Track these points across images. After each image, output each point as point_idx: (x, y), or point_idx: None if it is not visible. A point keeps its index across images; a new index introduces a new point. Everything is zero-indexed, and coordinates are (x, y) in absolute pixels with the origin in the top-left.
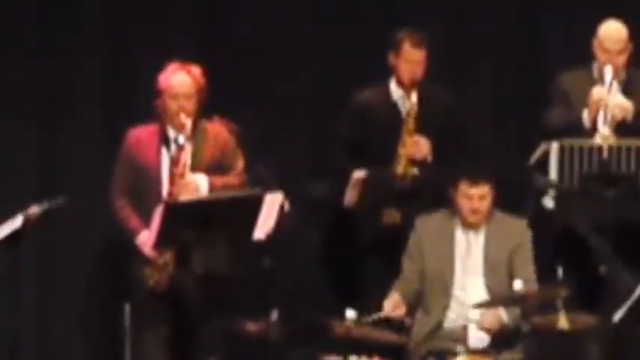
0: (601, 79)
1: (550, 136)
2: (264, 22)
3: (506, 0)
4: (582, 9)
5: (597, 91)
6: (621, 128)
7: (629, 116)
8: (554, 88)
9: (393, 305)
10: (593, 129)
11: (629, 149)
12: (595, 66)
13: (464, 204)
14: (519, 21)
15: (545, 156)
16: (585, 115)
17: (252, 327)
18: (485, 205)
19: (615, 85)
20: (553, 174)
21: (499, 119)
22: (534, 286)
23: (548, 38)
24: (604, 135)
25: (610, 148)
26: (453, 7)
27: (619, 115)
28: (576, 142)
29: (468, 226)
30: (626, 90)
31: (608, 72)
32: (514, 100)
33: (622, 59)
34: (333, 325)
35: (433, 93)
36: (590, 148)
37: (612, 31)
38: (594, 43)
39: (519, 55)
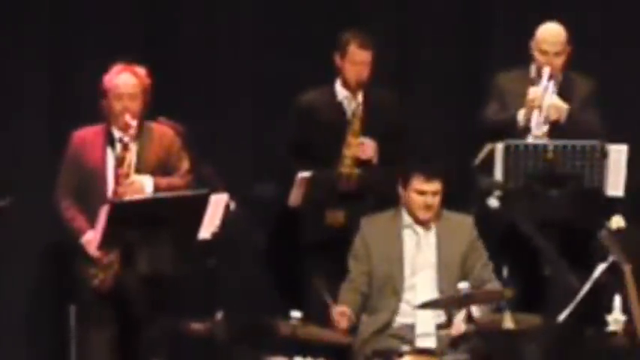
0: (539, 79)
1: (485, 133)
2: (208, 23)
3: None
4: (526, 9)
5: (533, 91)
6: (555, 130)
7: (563, 117)
8: (490, 87)
9: (339, 315)
10: (527, 128)
11: (574, 149)
12: (532, 67)
13: (416, 200)
14: (463, 21)
15: (491, 156)
16: (520, 115)
17: (197, 327)
18: (436, 201)
19: (551, 86)
20: (498, 174)
21: (444, 120)
22: (498, 286)
23: (492, 38)
24: (537, 134)
25: (555, 148)
26: (396, 7)
27: (554, 116)
28: (521, 142)
29: (419, 223)
30: (563, 92)
31: (546, 73)
32: (458, 101)
33: (560, 61)
34: (278, 326)
35: (378, 94)
36: (535, 148)
37: (550, 32)
38: (532, 45)
39: (463, 56)
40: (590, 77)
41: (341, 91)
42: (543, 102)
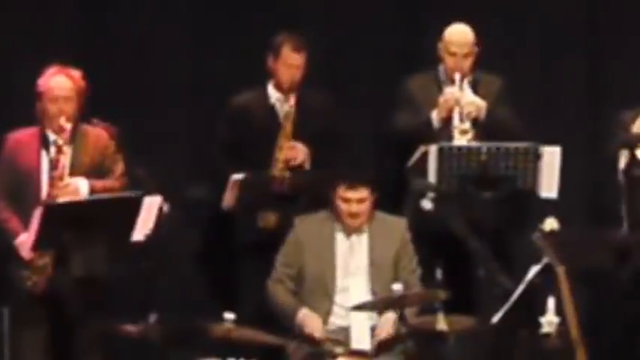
0: (448, 82)
1: (397, 140)
2: (142, 25)
3: (385, 1)
4: (461, 10)
5: (450, 91)
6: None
7: (482, 114)
8: (399, 92)
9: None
10: (442, 129)
11: (507, 151)
12: (441, 69)
13: (342, 208)
14: (400, 22)
15: (424, 158)
16: (434, 116)
17: (130, 329)
18: (363, 208)
19: (466, 84)
20: (432, 176)
21: (378, 122)
22: (418, 290)
23: (428, 40)
24: (463, 129)
25: (489, 150)
26: (332, 9)
27: (474, 113)
28: (455, 144)
29: (348, 229)
30: (475, 92)
31: (457, 77)
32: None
33: (468, 62)
34: (212, 328)
35: (312, 97)
36: (469, 150)
37: (458, 34)
38: (440, 46)
39: (399, 57)
40: (498, 76)
41: (273, 94)
42: (462, 99)
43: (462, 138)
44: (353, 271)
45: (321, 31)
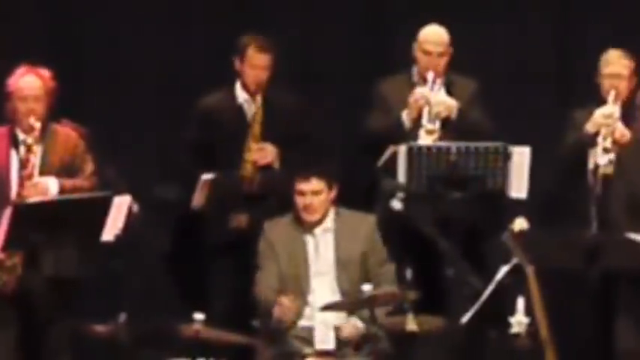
0: (422, 82)
1: (369, 141)
2: (111, 26)
3: (352, 3)
4: (431, 11)
5: (420, 90)
6: (446, 128)
7: (454, 114)
8: (373, 95)
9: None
10: (414, 129)
11: (477, 151)
12: (415, 70)
13: (298, 201)
14: (370, 23)
15: (394, 158)
16: (405, 116)
17: (100, 329)
18: (318, 201)
19: (438, 84)
20: (401, 176)
21: (350, 122)
22: (395, 288)
23: (394, 42)
24: (429, 129)
25: (458, 150)
26: (300, 11)
27: (444, 113)
28: (424, 144)
29: (304, 225)
30: (448, 92)
31: (430, 76)
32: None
33: (443, 62)
34: (181, 328)
35: (279, 98)
36: (439, 150)
37: (433, 34)
38: (415, 47)
39: (370, 58)
40: (471, 78)
41: (241, 95)
42: (431, 99)
43: (427, 138)
44: (320, 272)
45: (293, 31)
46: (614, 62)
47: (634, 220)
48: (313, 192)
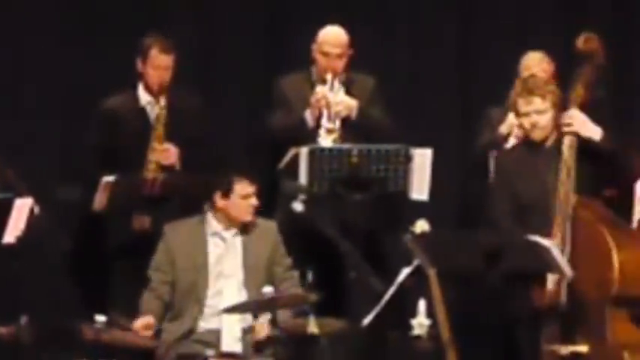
0: (320, 82)
1: (272, 140)
2: (13, 28)
3: (252, 4)
4: (329, 13)
5: (319, 90)
6: (347, 127)
7: (354, 113)
8: (273, 92)
9: (143, 326)
10: (317, 128)
11: (378, 153)
12: (314, 70)
13: (243, 205)
14: (269, 23)
15: (295, 160)
16: (308, 115)
17: (1, 331)
18: (256, 202)
19: (337, 84)
20: (302, 178)
21: (251, 123)
22: (293, 291)
23: (294, 42)
24: (329, 128)
25: (359, 152)
26: (200, 11)
27: (343, 112)
28: (326, 146)
29: (241, 227)
30: (347, 92)
31: (329, 78)
32: (266, 103)
33: (341, 63)
34: (83, 329)
35: (182, 99)
36: (340, 152)
37: (332, 35)
38: (314, 47)
39: (269, 58)
40: (369, 76)
41: (144, 96)
42: (331, 99)
43: (327, 137)
44: (227, 275)
45: (192, 32)
46: (534, 66)
47: (516, 222)
48: (255, 194)
